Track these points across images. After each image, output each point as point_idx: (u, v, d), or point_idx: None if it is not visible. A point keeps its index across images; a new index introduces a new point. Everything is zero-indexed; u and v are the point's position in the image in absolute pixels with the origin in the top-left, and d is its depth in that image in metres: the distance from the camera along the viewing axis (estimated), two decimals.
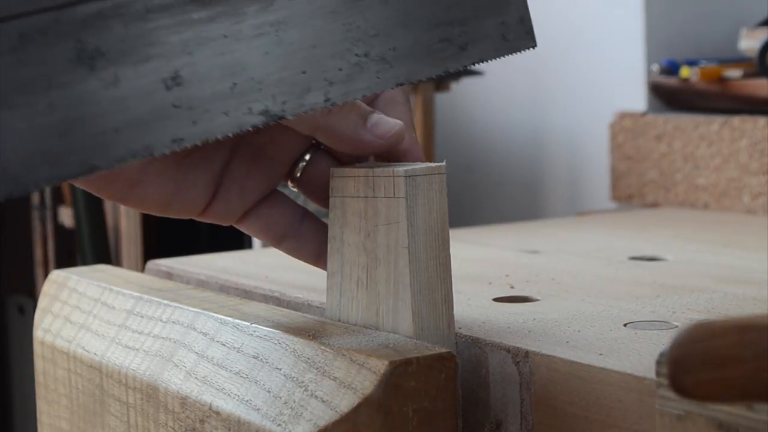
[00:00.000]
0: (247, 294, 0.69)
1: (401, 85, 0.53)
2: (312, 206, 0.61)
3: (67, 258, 1.62)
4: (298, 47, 0.51)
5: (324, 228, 0.57)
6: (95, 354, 0.64)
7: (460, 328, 0.56)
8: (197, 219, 0.58)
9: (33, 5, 0.47)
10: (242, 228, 0.58)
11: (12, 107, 0.46)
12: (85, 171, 0.47)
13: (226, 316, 0.59)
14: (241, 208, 0.57)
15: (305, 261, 0.58)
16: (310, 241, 0.58)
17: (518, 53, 0.56)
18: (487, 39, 0.54)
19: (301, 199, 0.61)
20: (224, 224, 0.58)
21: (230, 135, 0.50)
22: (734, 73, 1.07)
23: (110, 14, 0.48)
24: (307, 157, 0.57)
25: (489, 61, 0.55)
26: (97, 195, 0.56)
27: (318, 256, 0.58)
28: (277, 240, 0.58)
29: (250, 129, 0.50)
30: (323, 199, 0.57)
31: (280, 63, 0.50)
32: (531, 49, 0.56)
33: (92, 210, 1.49)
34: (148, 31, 0.48)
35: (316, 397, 0.50)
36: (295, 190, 0.58)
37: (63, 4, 0.47)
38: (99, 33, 0.47)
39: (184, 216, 0.57)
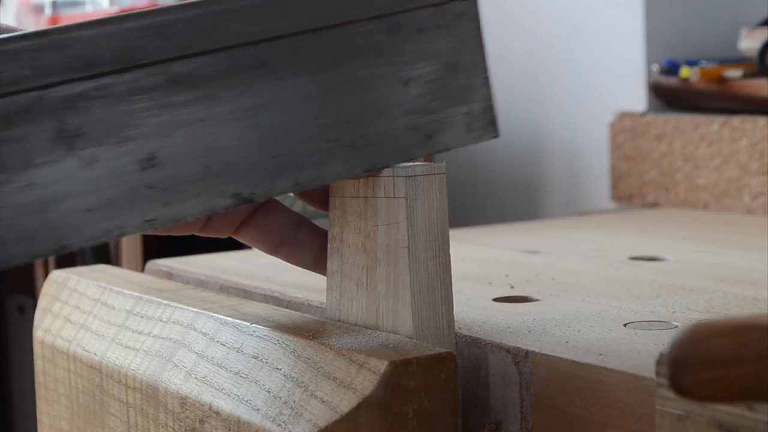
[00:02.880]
0: (247, 294, 0.69)
1: (368, 171, 0.53)
2: (309, 211, 0.61)
3: (67, 258, 1.61)
4: (272, 132, 0.51)
5: (321, 233, 0.57)
6: (95, 354, 0.64)
7: (460, 328, 0.56)
8: (197, 234, 0.58)
9: (17, 85, 0.47)
10: (239, 238, 0.58)
11: None
12: (56, 250, 0.48)
13: (226, 316, 0.59)
14: (237, 219, 0.57)
15: (304, 267, 0.58)
16: (307, 247, 0.58)
17: (480, 142, 0.57)
18: (452, 128, 0.55)
19: (299, 206, 0.61)
20: (222, 237, 0.58)
21: (199, 216, 0.50)
22: (734, 73, 1.07)
23: (93, 95, 0.48)
24: None
25: (452, 149, 0.55)
26: None
27: (317, 262, 0.58)
28: (274, 248, 0.58)
29: (220, 211, 0.51)
30: (320, 203, 0.57)
31: (253, 147, 0.51)
32: (493, 138, 0.57)
33: None
34: (128, 112, 0.48)
35: (316, 397, 0.50)
36: (291, 195, 0.59)
37: (47, 84, 0.47)
38: (80, 113, 0.48)
39: (186, 233, 0.57)
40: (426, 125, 0.55)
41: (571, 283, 0.68)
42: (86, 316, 0.68)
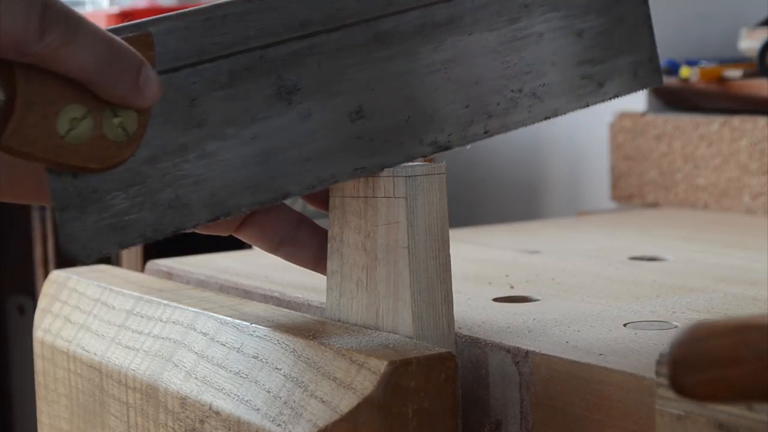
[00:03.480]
0: (247, 294, 0.69)
1: (548, 118, 0.58)
2: (310, 210, 0.61)
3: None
4: (463, 83, 0.56)
5: (321, 233, 0.58)
6: (95, 354, 0.64)
7: (460, 328, 0.56)
8: (199, 232, 0.58)
9: (243, 45, 0.51)
10: (240, 236, 0.58)
11: (222, 139, 0.50)
12: (279, 197, 0.52)
13: (226, 316, 0.59)
14: (238, 217, 0.57)
15: (304, 266, 0.58)
16: (307, 246, 0.58)
17: (646, 88, 0.61)
18: (621, 76, 0.60)
19: (299, 205, 0.61)
20: (224, 235, 0.58)
21: (402, 164, 0.54)
22: (734, 73, 1.07)
23: (307, 52, 0.52)
24: None
25: (622, 96, 0.60)
26: None
27: (317, 261, 0.58)
28: (274, 247, 0.58)
29: (418, 158, 0.55)
30: (321, 202, 0.57)
31: (447, 98, 0.55)
32: (658, 86, 0.62)
33: None
34: (338, 68, 0.53)
35: (316, 397, 0.50)
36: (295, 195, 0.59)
37: (268, 43, 0.51)
38: (296, 70, 0.52)
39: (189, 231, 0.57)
40: (598, 74, 0.59)
41: (571, 283, 0.68)
42: (86, 316, 0.68)
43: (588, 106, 0.59)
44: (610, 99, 0.59)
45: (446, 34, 0.55)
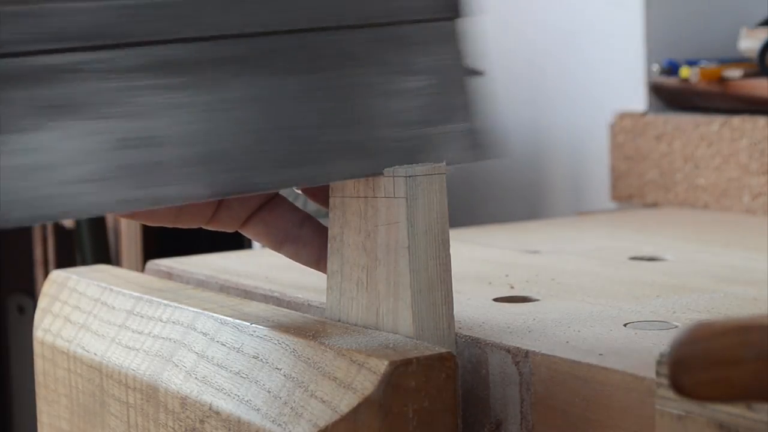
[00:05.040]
0: (247, 294, 0.69)
1: (366, 176, 0.53)
2: (312, 207, 0.61)
3: (67, 258, 1.61)
4: (257, 126, 0.51)
5: (324, 231, 0.58)
6: (95, 354, 0.64)
7: (460, 328, 0.56)
8: (205, 227, 0.58)
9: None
10: (244, 232, 0.58)
11: None
12: (28, 220, 0.47)
13: (226, 316, 0.59)
14: (243, 213, 0.57)
15: (305, 264, 0.59)
16: (309, 244, 0.58)
17: (473, 162, 0.56)
18: (451, 144, 0.55)
19: (302, 202, 0.61)
20: (229, 231, 0.58)
21: (178, 204, 0.50)
22: (734, 73, 1.07)
23: (68, 68, 0.47)
24: None
25: (452, 167, 0.54)
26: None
27: (318, 260, 0.58)
28: (277, 244, 0.58)
29: (200, 201, 0.50)
30: (325, 199, 0.57)
31: (237, 139, 0.51)
32: (494, 159, 0.57)
33: None
34: (109, 89, 0.48)
35: (316, 397, 0.50)
36: (299, 192, 0.59)
37: (28, 51, 0.47)
38: (58, 86, 0.47)
39: (193, 226, 0.57)
40: (423, 138, 0.54)
41: (571, 283, 0.68)
42: (86, 316, 0.68)
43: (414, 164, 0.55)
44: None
45: (241, 72, 0.51)
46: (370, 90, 0.53)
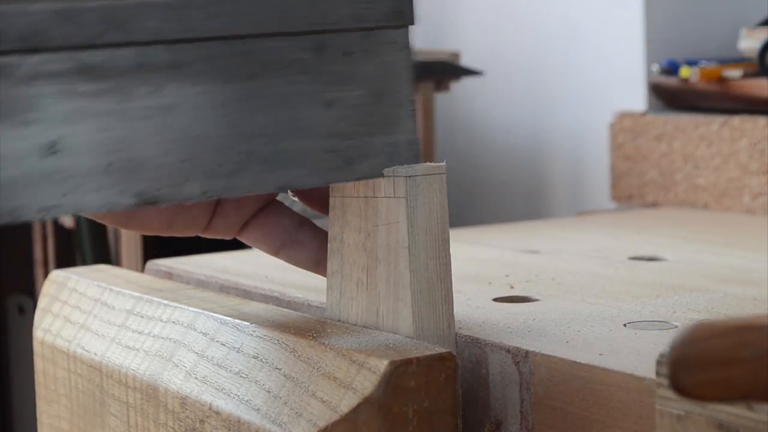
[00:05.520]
0: (247, 294, 0.69)
1: (281, 189, 0.53)
2: (309, 211, 0.61)
3: (67, 258, 1.61)
4: (182, 135, 0.50)
5: (322, 235, 0.58)
6: (95, 354, 0.64)
7: (460, 328, 0.56)
8: (201, 236, 0.58)
9: None
10: (241, 239, 0.58)
11: None
12: None
13: (226, 316, 0.59)
14: (239, 220, 0.57)
15: (304, 268, 0.59)
16: (307, 248, 0.58)
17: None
18: (374, 157, 0.54)
19: (299, 207, 0.61)
20: (226, 238, 0.58)
21: (100, 212, 0.49)
22: (734, 73, 1.07)
23: (2, 72, 0.47)
24: None
25: (373, 179, 0.54)
26: (99, 222, 0.56)
27: (317, 263, 0.58)
28: (275, 249, 0.58)
29: (120, 209, 0.49)
30: (321, 206, 0.57)
31: (161, 148, 0.50)
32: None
33: None
34: (32, 95, 0.48)
35: (316, 397, 0.50)
36: (295, 199, 0.59)
37: None
38: None
39: (189, 234, 0.57)
40: (346, 150, 0.54)
41: (571, 283, 0.68)
42: (86, 316, 0.68)
43: (331, 182, 0.54)
44: (358, 179, 0.54)
45: (166, 79, 0.50)
46: (306, 99, 0.53)
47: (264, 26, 0.51)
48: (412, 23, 0.55)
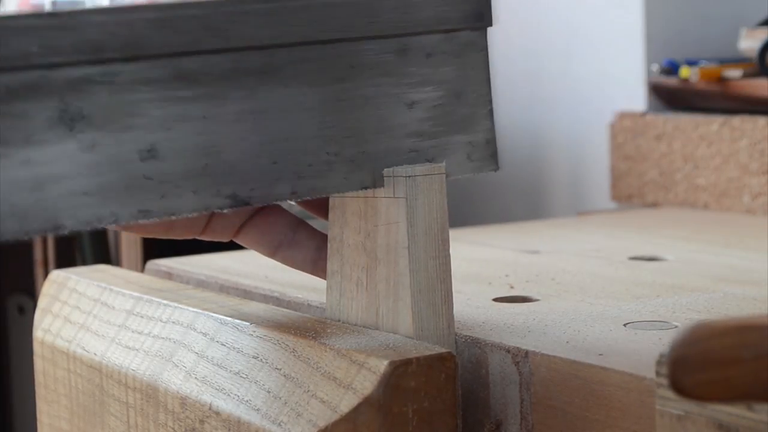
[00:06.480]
0: (247, 294, 0.69)
1: (365, 188, 0.54)
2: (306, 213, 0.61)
3: (67, 258, 1.61)
4: (273, 137, 0.52)
5: (319, 236, 0.58)
6: (95, 354, 0.64)
7: (460, 328, 0.56)
8: (198, 238, 0.58)
9: (24, 61, 0.47)
10: (238, 240, 0.58)
11: None
12: (49, 229, 0.48)
13: (225, 316, 0.59)
14: (237, 221, 0.57)
15: (301, 269, 0.59)
16: (304, 249, 0.58)
17: (479, 173, 0.57)
18: (453, 155, 0.56)
19: (296, 208, 0.61)
20: (224, 240, 0.58)
21: (195, 214, 0.50)
22: (734, 73, 1.07)
23: (98, 80, 0.48)
24: None
25: (452, 177, 0.56)
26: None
27: (314, 264, 0.58)
28: (272, 250, 0.58)
29: (216, 211, 0.51)
30: (319, 209, 0.57)
31: (254, 150, 0.51)
32: (493, 171, 0.58)
33: None
34: (132, 101, 0.49)
35: (316, 397, 0.50)
36: (292, 203, 0.59)
37: (53, 63, 0.47)
38: (84, 97, 0.48)
39: (186, 237, 0.57)
40: (427, 149, 0.55)
41: (571, 283, 0.68)
42: (86, 316, 0.68)
43: None
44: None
45: (259, 83, 0.51)
46: (390, 100, 0.54)
47: (353, 30, 0.53)
48: (491, 25, 0.57)
